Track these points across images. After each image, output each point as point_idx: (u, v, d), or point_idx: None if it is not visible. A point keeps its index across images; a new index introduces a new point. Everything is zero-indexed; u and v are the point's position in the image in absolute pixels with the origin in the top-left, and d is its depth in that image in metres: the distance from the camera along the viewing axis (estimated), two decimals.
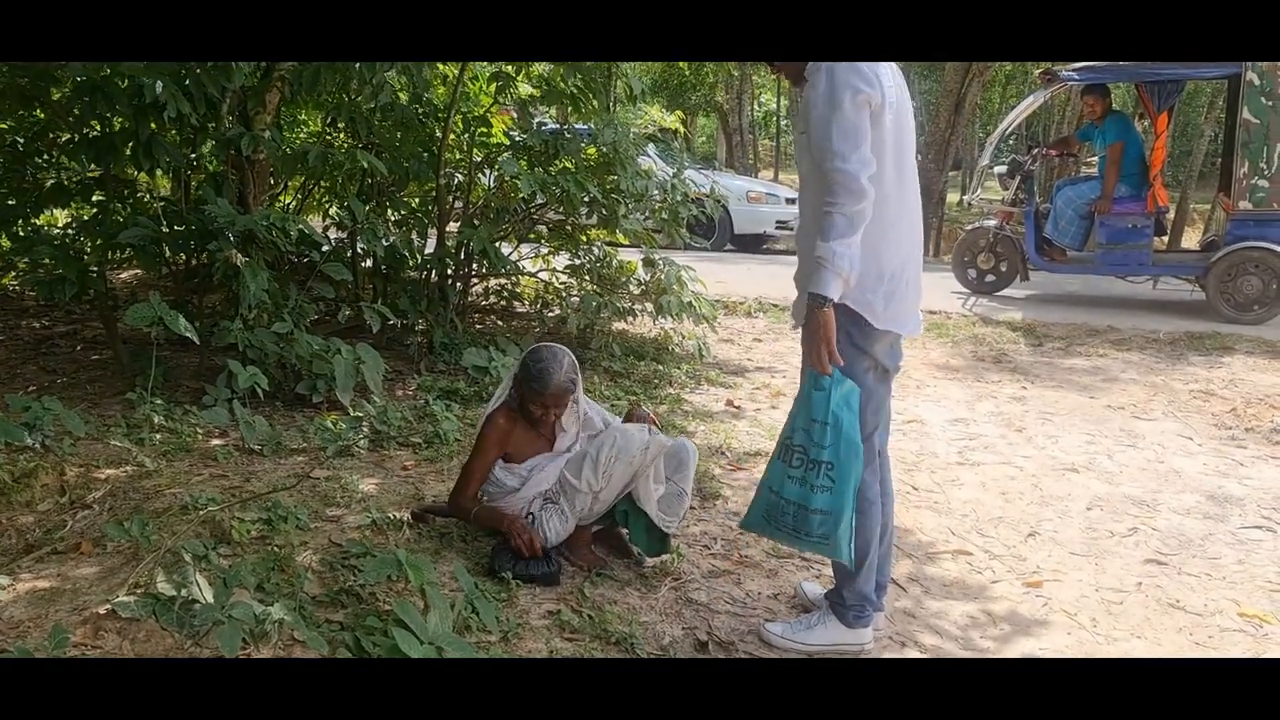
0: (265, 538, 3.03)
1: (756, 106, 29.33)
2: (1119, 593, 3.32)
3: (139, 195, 5.73)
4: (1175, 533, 3.81)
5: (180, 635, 2.40)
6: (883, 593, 2.96)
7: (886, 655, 2.86)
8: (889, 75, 2.53)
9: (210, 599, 2.44)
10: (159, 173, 5.37)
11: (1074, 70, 7.79)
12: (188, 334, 4.29)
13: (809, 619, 2.88)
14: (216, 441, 4.21)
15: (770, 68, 2.82)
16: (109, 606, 2.46)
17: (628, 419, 3.37)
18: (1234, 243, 7.50)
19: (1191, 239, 16.86)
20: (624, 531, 3.26)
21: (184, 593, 2.49)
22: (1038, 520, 3.91)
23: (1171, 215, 12.22)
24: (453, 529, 3.23)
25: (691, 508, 3.66)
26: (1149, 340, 7.17)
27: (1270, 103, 7.22)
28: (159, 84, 4.39)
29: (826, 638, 2.82)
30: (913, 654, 2.87)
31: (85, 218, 5.79)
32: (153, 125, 4.73)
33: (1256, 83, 7.22)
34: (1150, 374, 6.31)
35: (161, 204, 5.24)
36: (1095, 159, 8.29)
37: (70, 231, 5.69)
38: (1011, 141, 9.17)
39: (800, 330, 2.59)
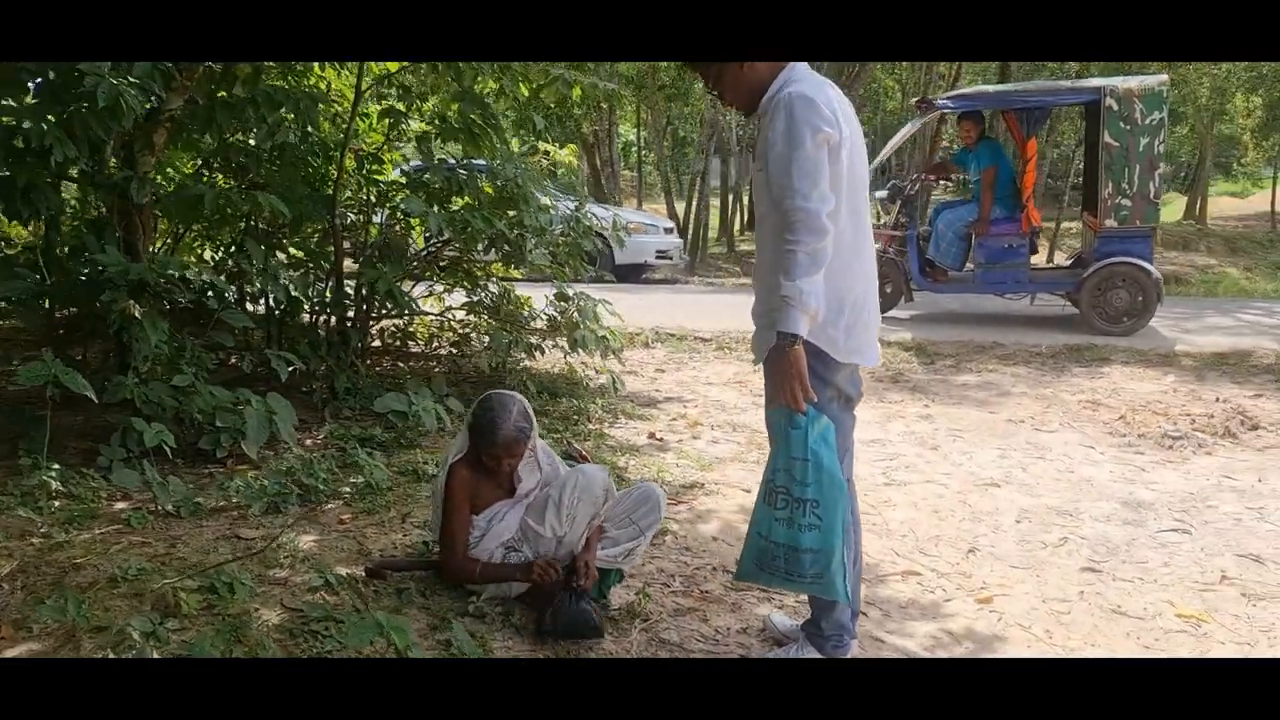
0: (213, 606, 2.83)
1: (617, 137, 29.57)
2: (1064, 602, 3.42)
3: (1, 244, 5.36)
4: (1102, 540, 3.96)
5: None
6: (855, 620, 2.96)
7: None
8: (843, 111, 2.56)
9: None
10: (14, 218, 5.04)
11: (947, 98, 8.13)
12: (85, 392, 4.01)
13: (786, 651, 2.87)
14: (121, 505, 3.93)
15: (723, 100, 2.82)
16: None
17: (564, 459, 3.31)
18: (1102, 259, 7.91)
19: (1063, 257, 17.81)
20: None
21: None
22: (973, 536, 4.00)
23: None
24: (410, 584, 3.08)
25: None
26: (1032, 354, 7.49)
27: (1128, 127, 7.68)
28: (43, 126, 4.11)
29: None
30: None
31: None
32: (34, 171, 4.42)
33: (1115, 108, 7.67)
34: (1039, 386, 6.58)
35: (40, 254, 4.91)
36: (971, 182, 8.64)
37: None
38: (891, 167, 9.54)
39: (764, 367, 2.58)
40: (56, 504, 3.86)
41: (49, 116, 4.25)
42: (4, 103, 4.56)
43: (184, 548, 3.38)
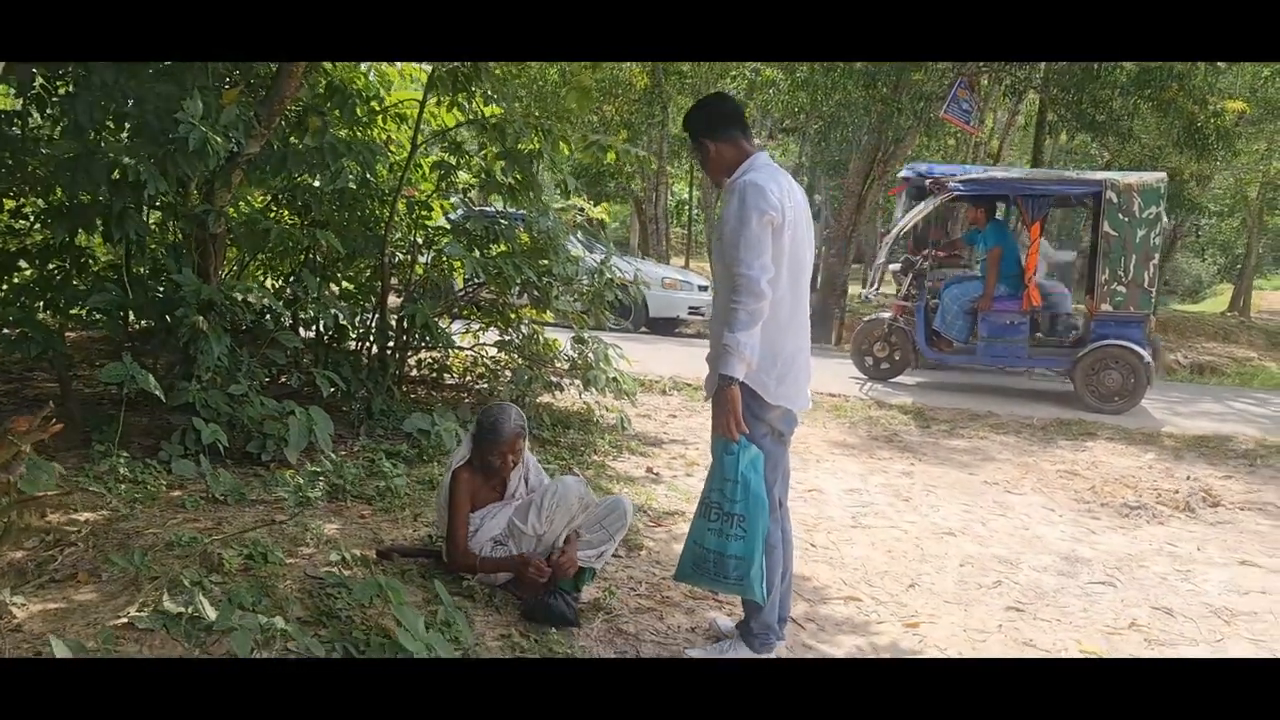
0: (249, 569, 3.42)
1: (670, 195, 30.41)
2: (983, 633, 3.90)
3: (84, 261, 6.06)
4: (1033, 586, 4.43)
5: (189, 644, 2.79)
6: (783, 625, 3.48)
7: None
8: (789, 198, 3.14)
9: (212, 616, 2.84)
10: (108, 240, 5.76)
11: (960, 182, 8.69)
12: (155, 392, 4.66)
13: (722, 646, 3.39)
14: (177, 492, 4.54)
15: (705, 168, 3.40)
16: (126, 620, 2.84)
17: None
18: (1097, 341, 8.38)
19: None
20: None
21: (190, 610, 2.89)
22: (918, 574, 4.49)
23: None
24: (413, 567, 3.66)
25: (618, 556, 4.15)
26: (1023, 425, 7.94)
27: (1126, 218, 8.18)
28: (140, 165, 4.81)
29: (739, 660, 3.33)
30: None
31: (27, 282, 6.09)
32: (131, 200, 5.13)
33: (1115, 200, 8.19)
34: (1023, 455, 7.03)
35: (126, 273, 5.61)
36: (979, 260, 9.17)
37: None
38: (904, 242, 10.06)
39: (710, 403, 3.15)
40: (123, 487, 4.48)
41: (147, 155, 4.94)
42: (107, 140, 5.30)
43: (228, 526, 3.98)
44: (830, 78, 13.60)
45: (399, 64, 7.12)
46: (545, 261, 6.64)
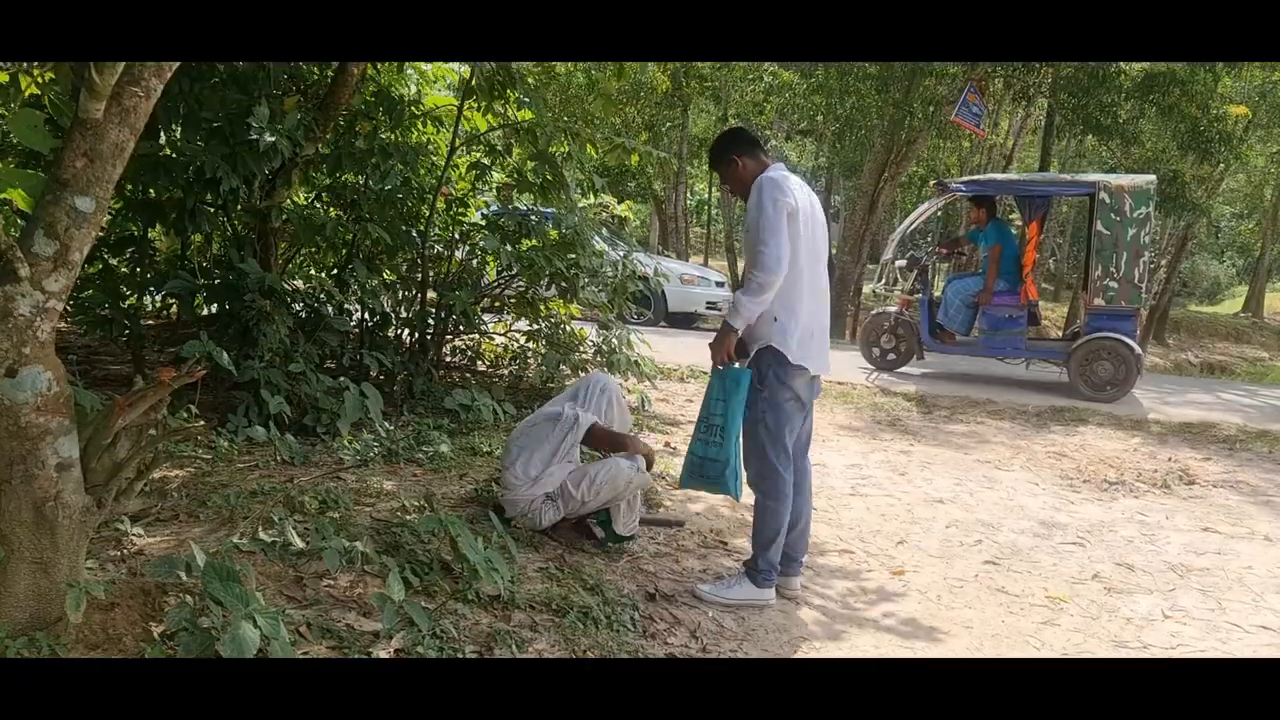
0: (324, 511, 4.00)
1: (690, 195, 30.97)
2: (960, 581, 4.43)
3: (150, 254, 6.65)
4: (1010, 545, 4.96)
5: (283, 565, 3.36)
6: (798, 566, 4.03)
7: (788, 609, 3.91)
8: (802, 193, 3.71)
9: (300, 544, 3.42)
10: (169, 233, 6.36)
11: (961, 183, 9.21)
12: (229, 367, 5.24)
13: (729, 580, 3.93)
14: (248, 457, 5.13)
15: (731, 191, 3.99)
16: (232, 543, 3.42)
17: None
18: (1091, 333, 8.89)
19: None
20: (599, 532, 4.26)
21: (282, 539, 3.46)
22: (907, 533, 5.02)
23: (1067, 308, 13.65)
24: (464, 515, 4.22)
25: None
26: (1019, 411, 8.45)
27: (1118, 217, 8.69)
28: (216, 164, 5.40)
29: (742, 594, 3.87)
30: (805, 610, 3.93)
31: (100, 272, 6.68)
32: (199, 197, 5.72)
33: (1107, 200, 8.69)
34: (1016, 438, 7.54)
35: (193, 262, 6.20)
36: (981, 257, 9.70)
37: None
38: (914, 239, 10.58)
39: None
40: (199, 450, 5.07)
41: (219, 156, 5.53)
42: (183, 142, 5.89)
43: (300, 480, 4.56)
44: (844, 82, 14.11)
45: (428, 66, 7.68)
46: (573, 255, 7.19)
